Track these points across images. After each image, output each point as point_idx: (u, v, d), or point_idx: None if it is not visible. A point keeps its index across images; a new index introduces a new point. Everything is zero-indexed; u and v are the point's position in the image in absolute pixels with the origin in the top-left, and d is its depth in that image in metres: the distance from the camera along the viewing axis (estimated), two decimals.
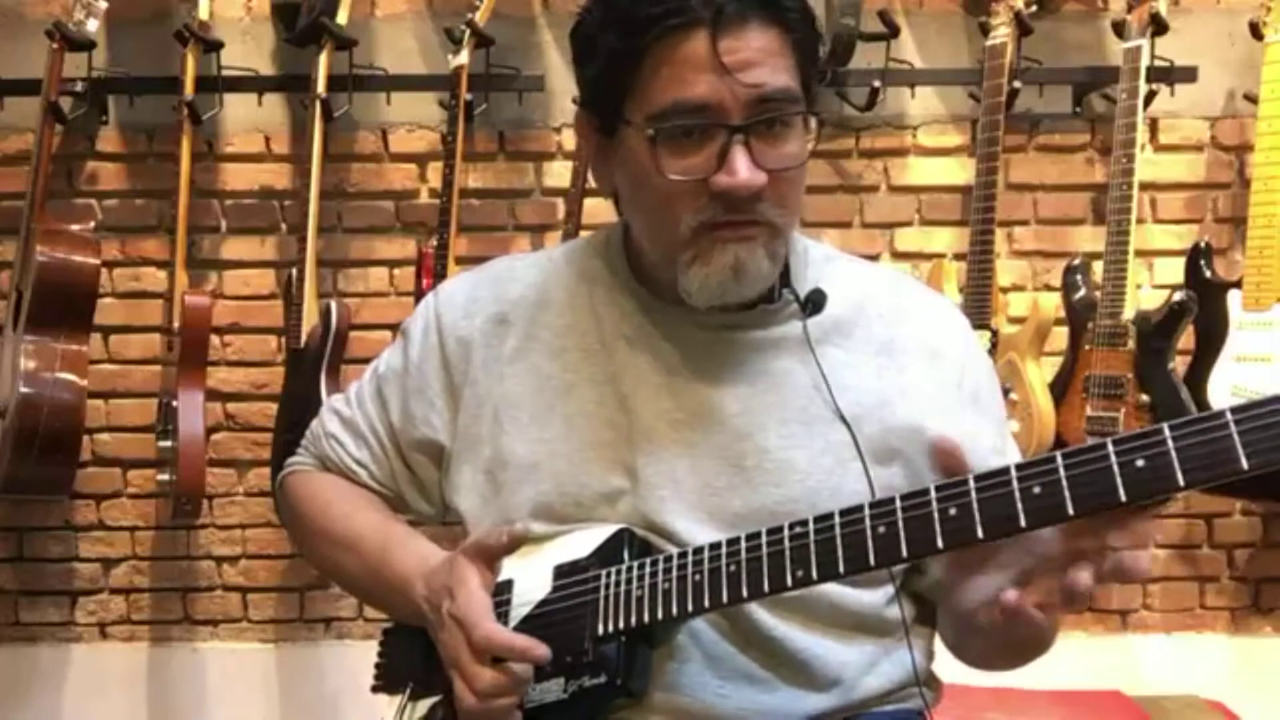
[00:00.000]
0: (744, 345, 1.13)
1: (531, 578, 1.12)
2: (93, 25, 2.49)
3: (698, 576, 1.02)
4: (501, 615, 1.11)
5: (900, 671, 1.13)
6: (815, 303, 1.12)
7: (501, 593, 1.12)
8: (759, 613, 1.08)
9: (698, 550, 1.03)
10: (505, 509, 1.15)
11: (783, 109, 1.04)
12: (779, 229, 1.07)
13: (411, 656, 1.16)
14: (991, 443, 1.15)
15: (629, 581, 1.06)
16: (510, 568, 1.13)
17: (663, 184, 1.04)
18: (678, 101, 1.02)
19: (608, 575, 1.07)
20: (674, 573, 1.03)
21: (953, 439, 0.94)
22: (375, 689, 1.20)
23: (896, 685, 1.13)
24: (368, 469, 1.28)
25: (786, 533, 0.99)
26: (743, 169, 1.02)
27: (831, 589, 1.08)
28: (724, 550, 1.02)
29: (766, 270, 1.07)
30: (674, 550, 1.06)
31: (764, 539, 1.00)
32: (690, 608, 1.02)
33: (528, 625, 1.09)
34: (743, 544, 1.01)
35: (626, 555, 1.08)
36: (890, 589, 1.12)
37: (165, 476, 2.56)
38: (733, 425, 1.11)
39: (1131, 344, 2.36)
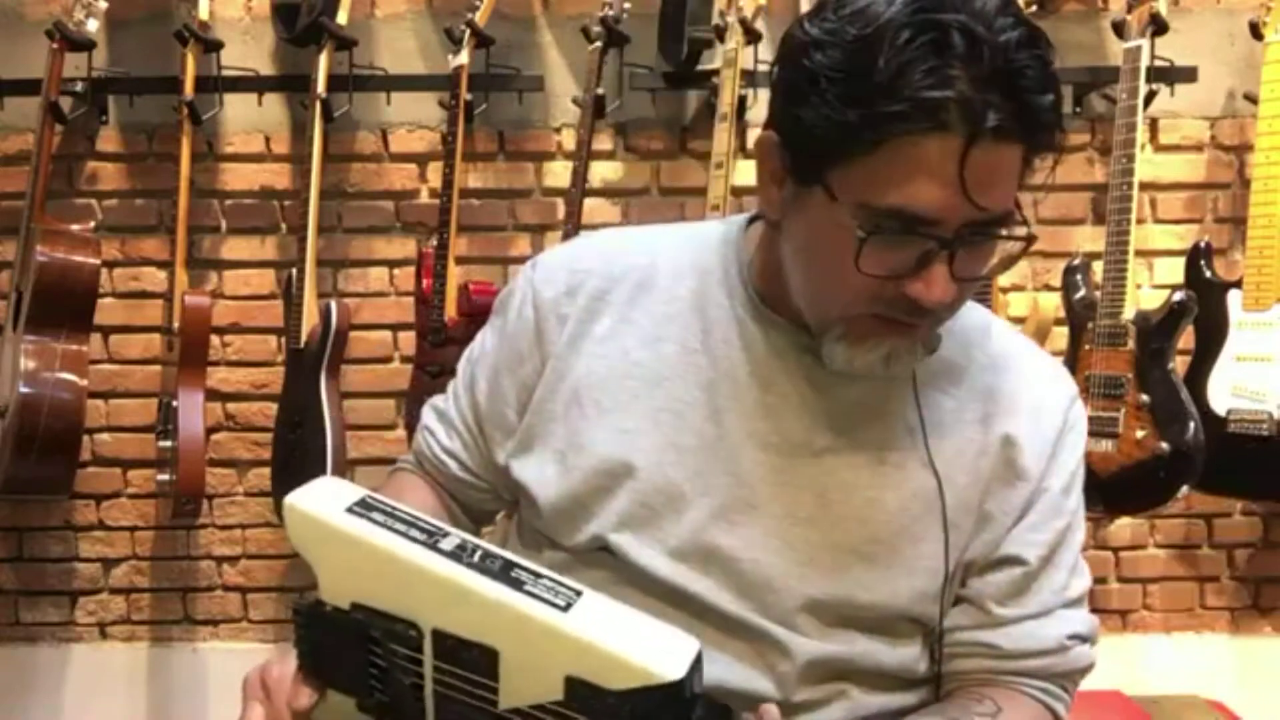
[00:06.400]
0: (849, 377, 1.03)
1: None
2: (93, 25, 2.49)
3: None
4: None
5: (915, 699, 1.11)
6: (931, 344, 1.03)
7: None
8: (782, 633, 1.05)
9: None
10: (577, 498, 1.08)
11: (996, 230, 0.94)
12: (944, 320, 1.01)
13: (347, 659, 0.91)
14: (1047, 554, 1.09)
15: None
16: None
17: (848, 272, 0.93)
18: (900, 207, 0.90)
19: None
20: None
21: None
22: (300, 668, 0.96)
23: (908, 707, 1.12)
24: (458, 458, 1.21)
25: None
26: (938, 287, 0.93)
27: (875, 648, 1.07)
28: None
29: (919, 356, 1.01)
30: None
31: None
32: None
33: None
34: None
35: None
36: (916, 648, 1.10)
37: (165, 476, 2.57)
38: (825, 458, 1.05)
39: (1131, 344, 2.36)
